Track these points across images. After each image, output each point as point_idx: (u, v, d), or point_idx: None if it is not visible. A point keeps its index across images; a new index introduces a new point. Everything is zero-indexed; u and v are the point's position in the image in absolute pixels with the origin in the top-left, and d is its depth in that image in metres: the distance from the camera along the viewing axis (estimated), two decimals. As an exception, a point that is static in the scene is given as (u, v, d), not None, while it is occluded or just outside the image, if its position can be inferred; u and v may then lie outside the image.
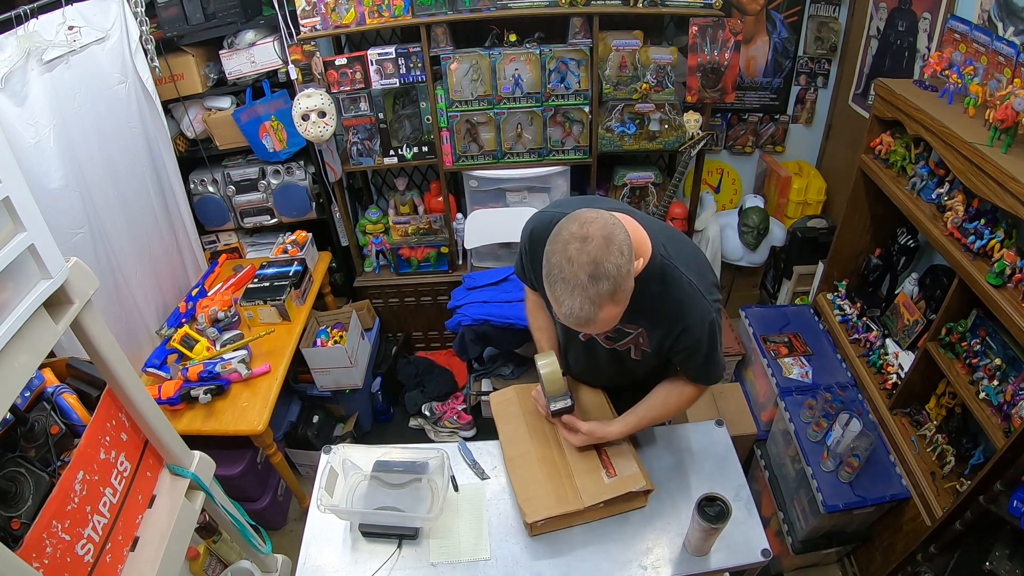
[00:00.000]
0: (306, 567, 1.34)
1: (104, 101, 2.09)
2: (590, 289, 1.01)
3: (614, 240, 1.02)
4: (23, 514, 1.07)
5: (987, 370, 1.58)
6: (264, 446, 2.09)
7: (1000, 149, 1.45)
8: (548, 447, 1.46)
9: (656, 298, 1.21)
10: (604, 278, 1.01)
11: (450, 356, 3.03)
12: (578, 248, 1.01)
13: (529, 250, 1.38)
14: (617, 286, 1.02)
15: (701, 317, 1.23)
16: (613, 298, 1.03)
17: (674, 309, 1.22)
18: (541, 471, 1.41)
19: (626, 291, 1.05)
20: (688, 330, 1.24)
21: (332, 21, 2.35)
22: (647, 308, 1.23)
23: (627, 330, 1.31)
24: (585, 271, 1.00)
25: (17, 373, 1.01)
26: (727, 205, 3.26)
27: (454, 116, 2.51)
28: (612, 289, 1.02)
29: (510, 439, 1.50)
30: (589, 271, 1.00)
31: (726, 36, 2.32)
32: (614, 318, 1.08)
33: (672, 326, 1.25)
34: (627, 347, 1.36)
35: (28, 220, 1.02)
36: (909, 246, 2.16)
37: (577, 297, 1.02)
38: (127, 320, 2.21)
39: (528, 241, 1.38)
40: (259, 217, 2.81)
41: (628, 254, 1.04)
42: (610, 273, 1.01)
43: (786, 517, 2.11)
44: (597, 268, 1.00)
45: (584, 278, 1.01)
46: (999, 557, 1.43)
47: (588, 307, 1.02)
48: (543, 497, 1.35)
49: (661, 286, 1.21)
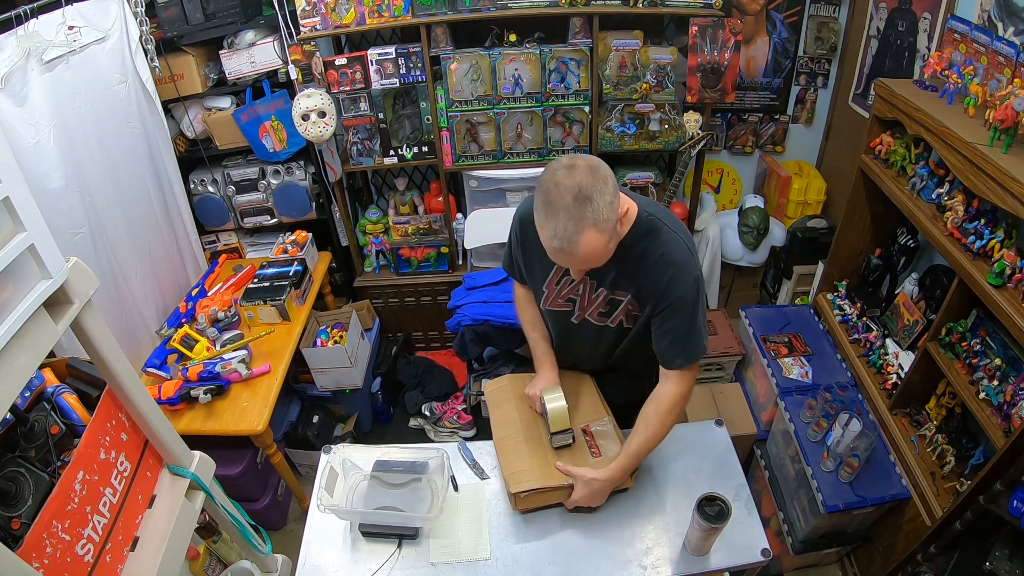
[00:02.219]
0: (306, 567, 1.34)
1: (104, 101, 2.09)
2: (574, 211, 1.07)
3: (599, 170, 1.10)
4: (23, 514, 1.07)
5: (987, 370, 1.58)
6: (264, 446, 2.09)
7: (1000, 149, 1.45)
8: (536, 428, 1.50)
9: (643, 256, 1.26)
10: (587, 201, 1.06)
11: (450, 356, 3.03)
12: (565, 174, 1.08)
13: (520, 233, 1.40)
14: (599, 212, 1.07)
15: (688, 268, 1.25)
16: (596, 224, 1.08)
17: (660, 263, 1.25)
18: (527, 449, 1.44)
19: (608, 222, 1.10)
20: (674, 281, 1.25)
21: (332, 21, 2.35)
22: (635, 268, 1.27)
23: (618, 298, 1.34)
24: (570, 193, 1.06)
25: (17, 373, 1.01)
26: (727, 205, 3.26)
27: (454, 116, 2.51)
28: (595, 213, 1.07)
29: (500, 423, 1.54)
30: (574, 193, 1.06)
31: (726, 36, 2.32)
32: (595, 250, 1.12)
33: (659, 277, 1.26)
34: (619, 320, 1.37)
35: (28, 220, 1.02)
36: (909, 246, 2.15)
37: (561, 218, 1.07)
38: (127, 320, 2.21)
39: (519, 225, 1.40)
40: (259, 217, 2.81)
41: (612, 187, 1.11)
42: (593, 197, 1.07)
43: (786, 517, 2.11)
44: (581, 191, 1.06)
45: (569, 200, 1.07)
46: (999, 557, 1.43)
47: (571, 227, 1.07)
48: (528, 472, 1.39)
49: (648, 242, 1.26)
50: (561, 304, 1.44)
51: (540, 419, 1.53)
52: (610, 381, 1.62)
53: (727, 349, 2.41)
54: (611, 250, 1.18)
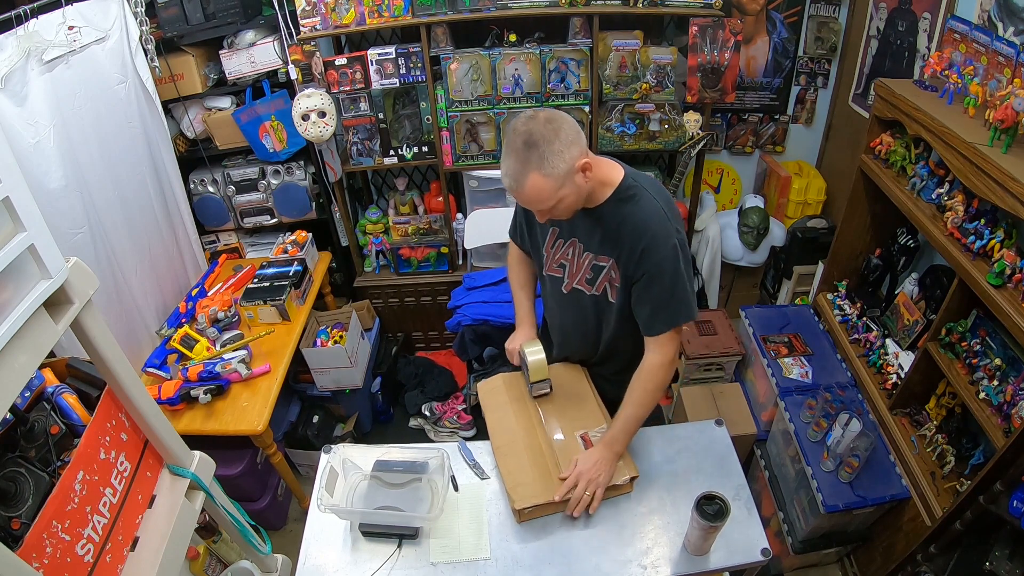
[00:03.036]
0: (306, 567, 1.34)
1: (104, 101, 2.09)
2: (522, 154, 1.19)
3: (554, 121, 1.19)
4: (23, 514, 1.07)
5: (987, 370, 1.58)
6: (264, 446, 2.09)
7: (1000, 149, 1.45)
8: (534, 435, 1.50)
9: (623, 221, 1.33)
10: (534, 146, 1.17)
11: (450, 356, 3.03)
12: (523, 122, 1.20)
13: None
14: (544, 156, 1.17)
15: (665, 235, 1.30)
16: (540, 168, 1.18)
17: (638, 226, 1.31)
18: (528, 458, 1.44)
19: (556, 168, 1.19)
20: (650, 249, 1.30)
21: (332, 21, 2.35)
22: (615, 232, 1.34)
23: (600, 263, 1.40)
24: (521, 139, 1.19)
25: (17, 373, 1.00)
26: (727, 205, 3.26)
27: (454, 116, 2.51)
28: (539, 156, 1.17)
29: (497, 428, 1.53)
30: (524, 139, 1.18)
31: (726, 36, 2.32)
32: (540, 192, 1.21)
33: (635, 244, 1.31)
34: (603, 287, 1.43)
35: (28, 220, 1.01)
36: (909, 246, 2.15)
37: (511, 160, 1.20)
38: (127, 320, 2.21)
39: None
40: (259, 217, 2.81)
41: (565, 138, 1.19)
42: (539, 143, 1.17)
43: (786, 517, 2.11)
44: (530, 137, 1.18)
45: (520, 144, 1.19)
46: (999, 557, 1.43)
47: (517, 168, 1.19)
48: (530, 484, 1.38)
49: (628, 207, 1.33)
50: (555, 270, 1.52)
51: (539, 421, 1.52)
52: (604, 373, 1.63)
53: (727, 349, 2.41)
54: (568, 200, 1.25)
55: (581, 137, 1.23)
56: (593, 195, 1.33)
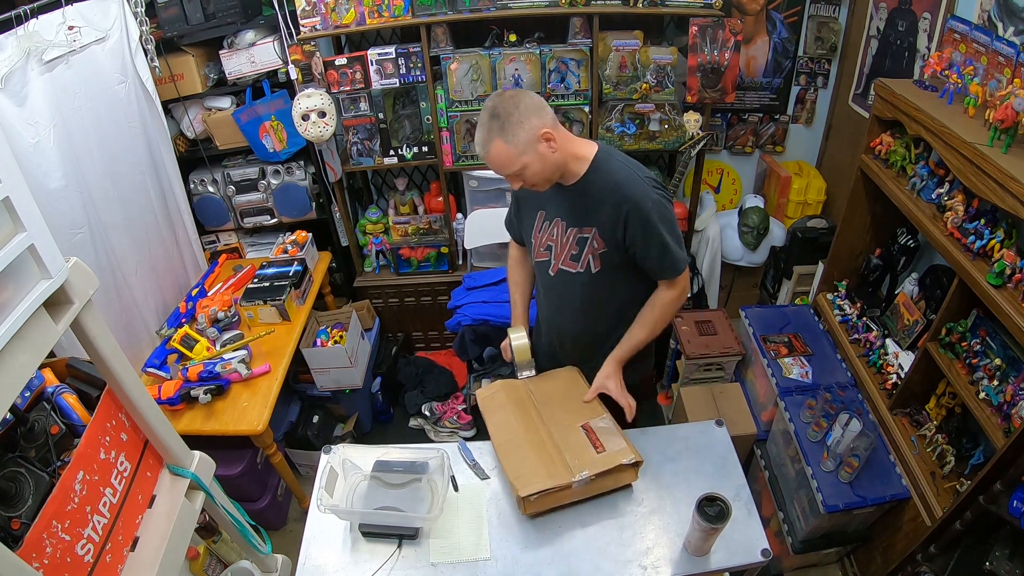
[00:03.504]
0: (306, 567, 1.34)
1: (104, 101, 2.09)
2: (487, 124, 1.35)
3: (516, 96, 1.35)
4: (23, 514, 1.07)
5: (987, 370, 1.58)
6: (264, 446, 2.09)
7: (1000, 149, 1.45)
8: (536, 431, 1.49)
9: (599, 190, 1.44)
10: (496, 117, 1.33)
11: (450, 356, 3.03)
12: (491, 99, 1.37)
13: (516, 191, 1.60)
14: (504, 125, 1.32)
15: (643, 194, 1.41)
16: (502, 134, 1.33)
17: (615, 192, 1.43)
18: (531, 451, 1.43)
19: (516, 136, 1.33)
20: (634, 209, 1.41)
21: (332, 21, 2.35)
22: (594, 203, 1.45)
23: (584, 235, 1.49)
24: (487, 112, 1.35)
25: (17, 373, 1.00)
26: (727, 205, 3.26)
27: (454, 116, 2.51)
28: (500, 126, 1.33)
29: (498, 428, 1.53)
30: (489, 112, 1.35)
31: (726, 36, 2.32)
32: (503, 156, 1.35)
33: (618, 209, 1.42)
34: (587, 260, 1.51)
35: (28, 220, 1.02)
36: (909, 246, 2.15)
37: (481, 130, 1.36)
38: (127, 320, 2.21)
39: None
40: (259, 217, 2.81)
41: (525, 109, 1.33)
42: (501, 115, 1.33)
43: (786, 517, 2.11)
44: (495, 110, 1.34)
45: (486, 118, 1.35)
46: (999, 557, 1.43)
47: (484, 136, 1.36)
48: (534, 474, 1.37)
49: (603, 176, 1.45)
50: (542, 253, 1.60)
51: (540, 420, 1.52)
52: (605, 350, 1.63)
53: (727, 349, 2.41)
54: (534, 167, 1.37)
55: (544, 110, 1.37)
56: (570, 171, 1.46)
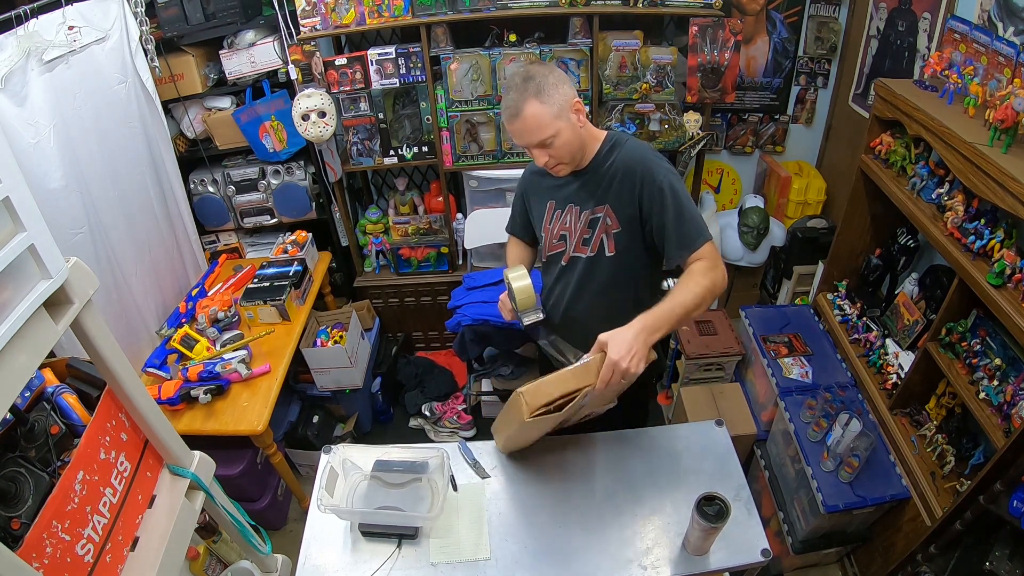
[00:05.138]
0: (306, 567, 1.34)
1: (104, 101, 2.09)
2: (521, 86, 1.33)
3: (549, 65, 1.39)
4: (23, 514, 1.07)
5: (987, 370, 1.58)
6: (264, 446, 2.09)
7: (1000, 149, 1.45)
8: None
9: (612, 166, 1.44)
10: (532, 79, 1.32)
11: (450, 356, 3.03)
12: (523, 65, 1.35)
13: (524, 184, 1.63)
14: (541, 86, 1.32)
15: (656, 164, 1.40)
16: (539, 95, 1.31)
17: (628, 165, 1.42)
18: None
19: (551, 97, 1.32)
20: (649, 176, 1.39)
21: (332, 21, 2.35)
22: (607, 179, 1.45)
23: (596, 215, 1.47)
24: (521, 76, 1.35)
25: (17, 373, 1.00)
26: (727, 205, 3.26)
27: (454, 116, 2.51)
28: (537, 87, 1.32)
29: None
30: (523, 76, 1.34)
31: (726, 36, 2.32)
32: (540, 117, 1.33)
33: (632, 179, 1.41)
34: (599, 241, 1.48)
35: (28, 220, 1.02)
36: (909, 246, 2.15)
37: (512, 92, 1.34)
38: (127, 320, 2.21)
39: (526, 175, 1.64)
40: (259, 217, 2.81)
41: (559, 76, 1.34)
42: (536, 77, 1.32)
43: (786, 517, 2.11)
44: (528, 73, 1.34)
45: (519, 81, 1.34)
46: (999, 557, 1.44)
47: (517, 97, 1.33)
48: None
49: (616, 154, 1.45)
50: (556, 245, 1.58)
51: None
52: None
53: (727, 349, 2.41)
54: (565, 135, 1.36)
55: (572, 84, 1.37)
56: (584, 154, 1.46)
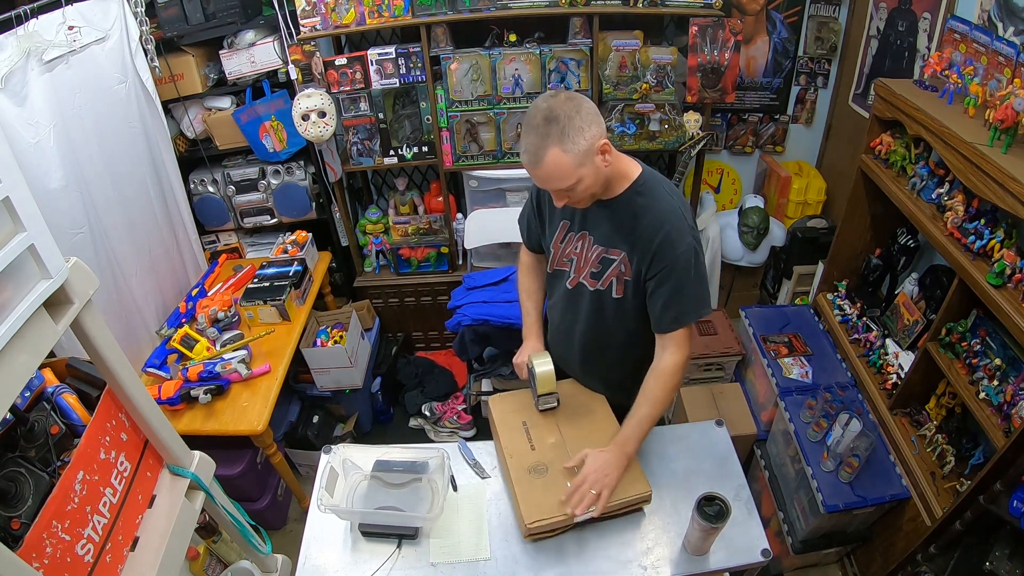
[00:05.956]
0: (306, 567, 1.34)
1: (104, 101, 2.09)
2: (542, 129, 1.19)
3: (575, 99, 1.21)
4: (23, 514, 1.07)
5: (987, 370, 1.58)
6: (264, 446, 2.09)
7: (1000, 149, 1.45)
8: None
9: (639, 212, 1.33)
10: (554, 121, 1.18)
11: (450, 356, 3.03)
12: (543, 100, 1.22)
13: (537, 194, 1.52)
14: (564, 131, 1.17)
15: (681, 231, 1.30)
16: (560, 142, 1.18)
17: (655, 220, 1.31)
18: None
19: (575, 143, 1.19)
20: (668, 242, 1.29)
21: (332, 21, 2.35)
22: (630, 225, 1.34)
23: (611, 256, 1.39)
24: (542, 115, 1.19)
25: (17, 373, 1.00)
26: (727, 205, 3.26)
27: (454, 116, 2.51)
28: (560, 132, 1.18)
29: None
30: (544, 115, 1.19)
31: (726, 36, 2.32)
32: (560, 167, 1.20)
33: (652, 238, 1.31)
34: (609, 282, 1.41)
35: (28, 220, 1.01)
36: (909, 246, 2.15)
37: (532, 136, 1.20)
38: (127, 320, 2.21)
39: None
40: (259, 217, 2.81)
41: (586, 116, 1.19)
42: (560, 118, 1.17)
43: (786, 517, 2.11)
44: (551, 113, 1.18)
45: (540, 120, 1.19)
46: (999, 557, 1.44)
47: (538, 142, 1.19)
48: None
49: (644, 199, 1.33)
50: (563, 263, 1.51)
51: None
52: (609, 381, 1.59)
53: (727, 349, 2.41)
54: (587, 181, 1.24)
55: (600, 119, 1.23)
56: (610, 187, 1.34)
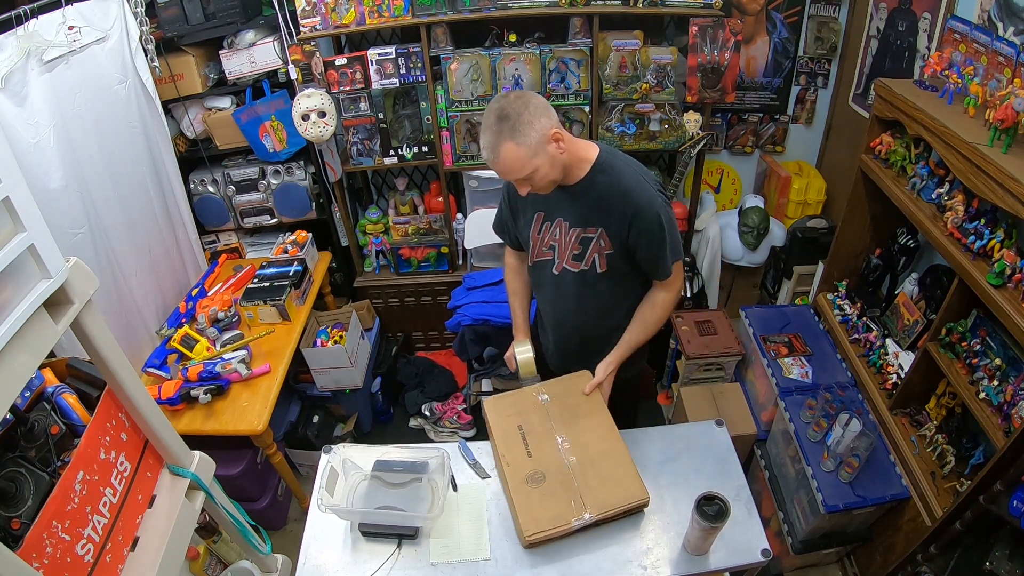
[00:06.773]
0: (306, 567, 1.35)
1: (104, 101, 2.09)
2: (495, 126, 1.29)
3: (523, 96, 1.31)
4: (23, 514, 1.07)
5: (987, 370, 1.58)
6: (264, 446, 2.09)
7: (1000, 149, 1.45)
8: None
9: (605, 190, 1.43)
10: (505, 119, 1.28)
11: (450, 356, 3.03)
12: (496, 101, 1.32)
13: (508, 191, 1.60)
14: (515, 126, 1.27)
15: (649, 199, 1.42)
16: (513, 136, 1.28)
17: (623, 194, 1.42)
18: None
19: (527, 137, 1.28)
20: (640, 211, 1.41)
21: (332, 21, 2.35)
22: (599, 203, 1.44)
23: (589, 234, 1.48)
24: (495, 114, 1.29)
25: (17, 373, 1.01)
26: (727, 205, 3.26)
27: (454, 116, 2.51)
28: (511, 127, 1.27)
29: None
30: (496, 114, 1.29)
31: (726, 36, 2.32)
32: (516, 159, 1.30)
33: (625, 211, 1.42)
34: (592, 260, 1.51)
35: (28, 220, 1.02)
36: (909, 246, 2.15)
37: (487, 133, 1.31)
38: (127, 320, 2.21)
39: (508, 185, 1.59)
40: (259, 217, 2.81)
41: (535, 109, 1.29)
42: (511, 115, 1.27)
43: (786, 517, 2.11)
44: (502, 112, 1.29)
45: (493, 120, 1.30)
46: (999, 557, 1.43)
47: (493, 140, 1.30)
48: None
49: (607, 176, 1.44)
50: (544, 253, 1.58)
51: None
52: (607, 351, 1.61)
53: (727, 349, 2.41)
54: (544, 169, 1.33)
55: (550, 111, 1.33)
56: (572, 172, 1.44)
